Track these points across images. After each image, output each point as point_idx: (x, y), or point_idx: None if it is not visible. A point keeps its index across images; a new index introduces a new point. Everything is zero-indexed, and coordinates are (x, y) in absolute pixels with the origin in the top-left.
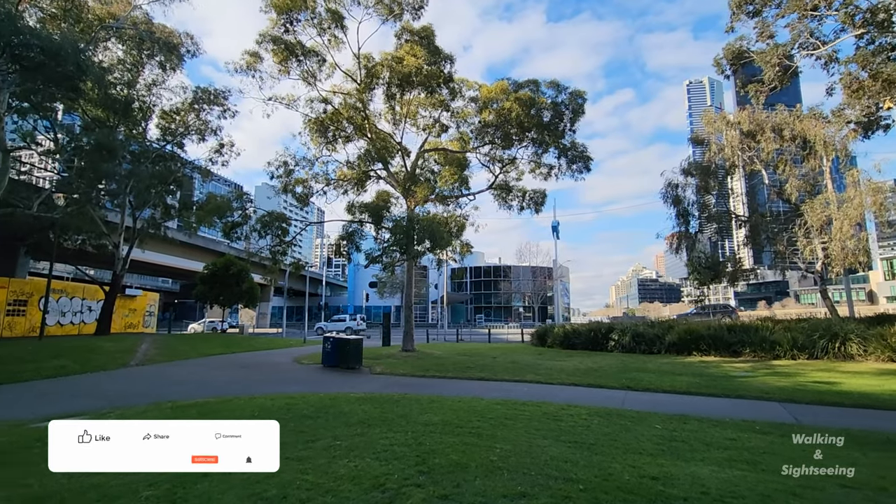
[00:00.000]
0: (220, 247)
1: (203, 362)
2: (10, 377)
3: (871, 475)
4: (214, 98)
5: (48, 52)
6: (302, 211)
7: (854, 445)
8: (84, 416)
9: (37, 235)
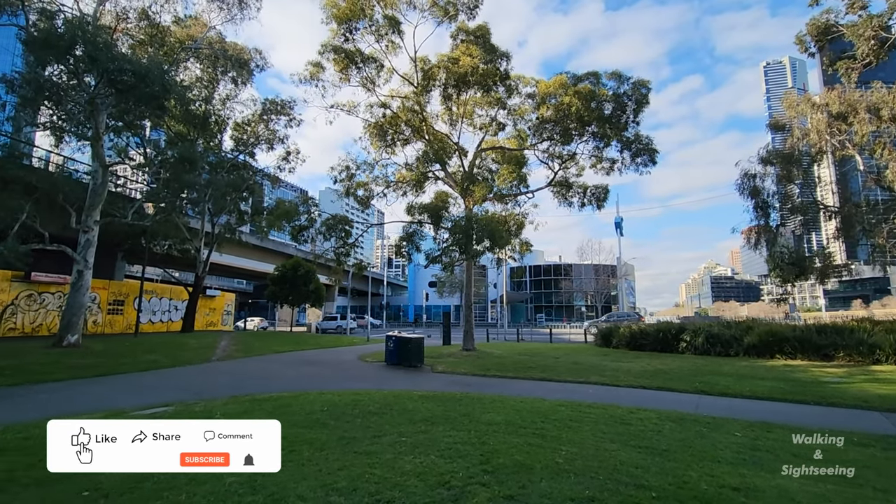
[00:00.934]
0: (289, 249)
1: (275, 358)
2: (112, 370)
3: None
4: (281, 108)
5: (138, 75)
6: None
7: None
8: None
9: (131, 242)
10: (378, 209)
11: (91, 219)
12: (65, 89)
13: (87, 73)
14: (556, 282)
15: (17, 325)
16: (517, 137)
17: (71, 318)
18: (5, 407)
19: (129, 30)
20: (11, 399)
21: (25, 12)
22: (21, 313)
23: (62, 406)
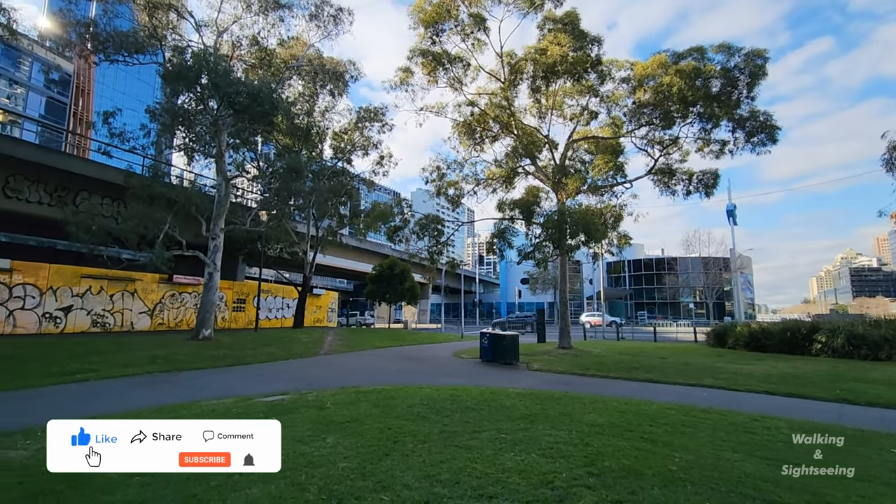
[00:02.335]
0: (385, 249)
1: (376, 353)
2: (239, 360)
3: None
4: (374, 115)
5: (251, 96)
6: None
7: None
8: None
9: (249, 246)
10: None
11: (217, 227)
12: (193, 114)
13: (211, 98)
14: (659, 277)
15: (164, 320)
16: (611, 125)
17: (205, 314)
18: (163, 390)
19: (241, 56)
20: (168, 383)
21: (163, 51)
22: (167, 310)
23: (203, 392)
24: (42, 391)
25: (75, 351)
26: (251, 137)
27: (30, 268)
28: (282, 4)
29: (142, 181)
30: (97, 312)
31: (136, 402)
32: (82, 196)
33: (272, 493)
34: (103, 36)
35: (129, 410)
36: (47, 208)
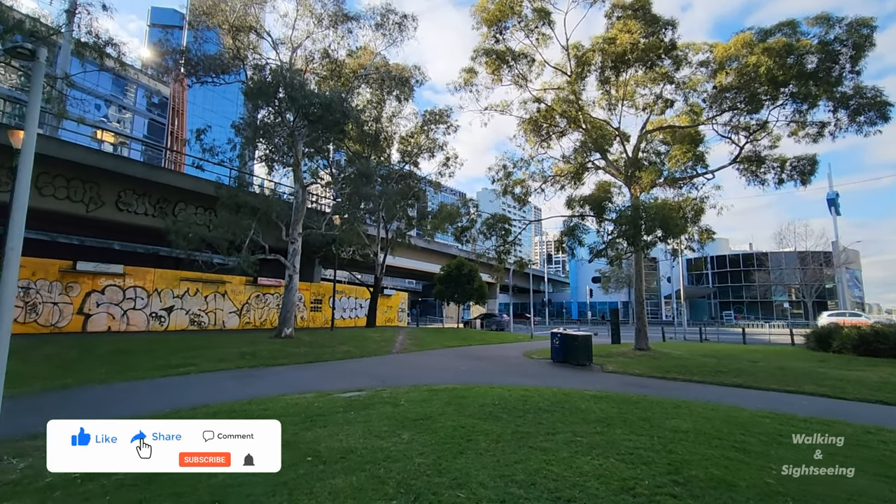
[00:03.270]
0: (452, 250)
1: (445, 353)
2: (318, 358)
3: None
4: (439, 118)
5: (324, 106)
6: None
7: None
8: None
9: (324, 249)
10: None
11: (296, 231)
12: (272, 127)
13: (287, 111)
14: (747, 273)
15: (250, 319)
16: (689, 113)
17: (286, 314)
18: (252, 384)
19: (314, 69)
20: (256, 378)
21: (244, 69)
22: (252, 310)
23: (287, 386)
24: (153, 382)
25: (177, 347)
26: (324, 146)
27: (139, 272)
28: (350, 17)
29: (229, 191)
30: (194, 312)
31: (230, 394)
32: (180, 207)
33: (353, 484)
34: (195, 60)
35: (225, 402)
36: (151, 219)
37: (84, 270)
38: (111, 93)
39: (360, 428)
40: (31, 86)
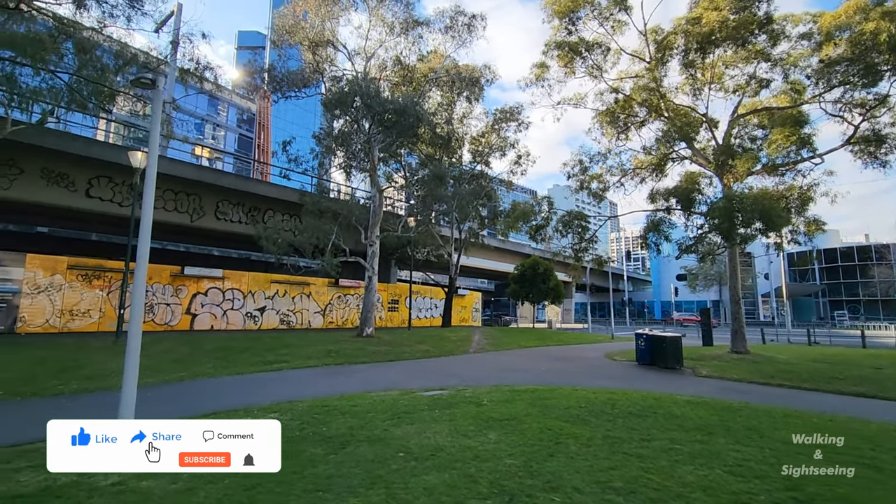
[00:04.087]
0: (525, 249)
1: (522, 353)
2: (398, 356)
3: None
4: (510, 116)
5: (398, 112)
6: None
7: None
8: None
9: (400, 251)
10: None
11: (374, 234)
12: (349, 135)
13: (363, 119)
14: (864, 269)
15: (333, 319)
16: (790, 91)
17: (367, 314)
18: (339, 380)
19: (387, 76)
20: (343, 374)
21: (323, 81)
22: (335, 310)
23: (371, 384)
24: (253, 377)
25: (270, 345)
26: (398, 150)
27: (235, 276)
28: (420, 22)
29: (312, 198)
30: (283, 312)
31: (321, 390)
32: (268, 214)
33: (446, 481)
34: (279, 77)
35: (318, 398)
36: (244, 226)
37: (190, 275)
38: (207, 112)
39: (447, 426)
40: (151, 111)
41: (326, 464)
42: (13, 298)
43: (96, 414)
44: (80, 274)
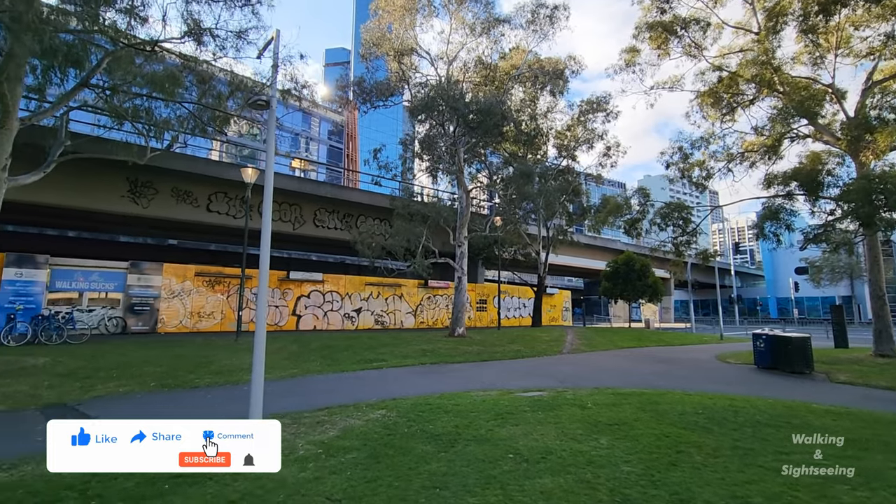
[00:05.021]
0: (617, 245)
1: (619, 354)
2: (491, 356)
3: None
4: (597, 106)
5: (483, 112)
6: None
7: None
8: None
9: (487, 251)
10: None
11: (462, 235)
12: (434, 138)
13: (448, 122)
14: None
15: (424, 319)
16: None
17: (458, 314)
18: (436, 379)
19: (469, 77)
20: (439, 374)
21: (409, 88)
22: (425, 311)
23: (469, 383)
24: (356, 374)
25: (368, 344)
26: (483, 150)
27: (333, 279)
28: (500, 20)
29: (402, 202)
30: (377, 313)
31: (421, 388)
32: (361, 219)
33: (562, 485)
34: (368, 88)
35: (420, 395)
36: (339, 232)
37: (294, 279)
38: (301, 128)
39: (552, 429)
40: (266, 128)
41: (438, 461)
42: (154, 302)
43: (229, 404)
44: (204, 280)
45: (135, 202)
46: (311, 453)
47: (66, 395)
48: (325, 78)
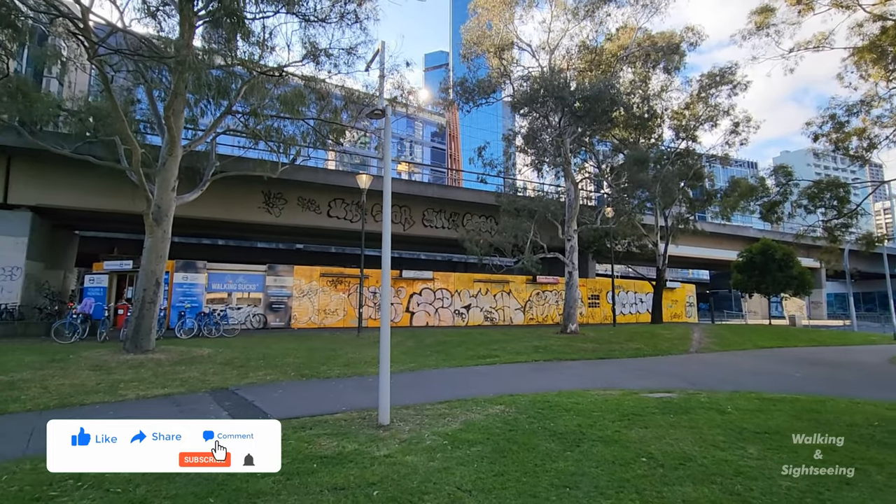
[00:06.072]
0: (749, 231)
1: (760, 354)
2: (608, 354)
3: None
4: (721, 78)
5: (590, 99)
6: (850, 171)
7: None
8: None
9: (597, 244)
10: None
11: (571, 228)
12: (538, 131)
13: (552, 113)
14: None
15: (534, 316)
16: None
17: (570, 310)
18: (552, 376)
19: (573, 65)
20: (554, 371)
21: (511, 83)
22: (534, 307)
23: (586, 381)
24: (471, 369)
25: (480, 340)
26: (590, 139)
27: (442, 276)
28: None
29: (508, 198)
30: (486, 309)
31: (537, 385)
32: (467, 217)
33: (708, 496)
34: (470, 87)
35: (538, 392)
36: (446, 231)
37: (407, 277)
38: (405, 132)
39: (688, 433)
40: (382, 136)
41: (565, 460)
42: (287, 301)
43: (358, 394)
44: (328, 280)
45: (269, 212)
46: (437, 444)
47: (227, 381)
48: (425, 82)
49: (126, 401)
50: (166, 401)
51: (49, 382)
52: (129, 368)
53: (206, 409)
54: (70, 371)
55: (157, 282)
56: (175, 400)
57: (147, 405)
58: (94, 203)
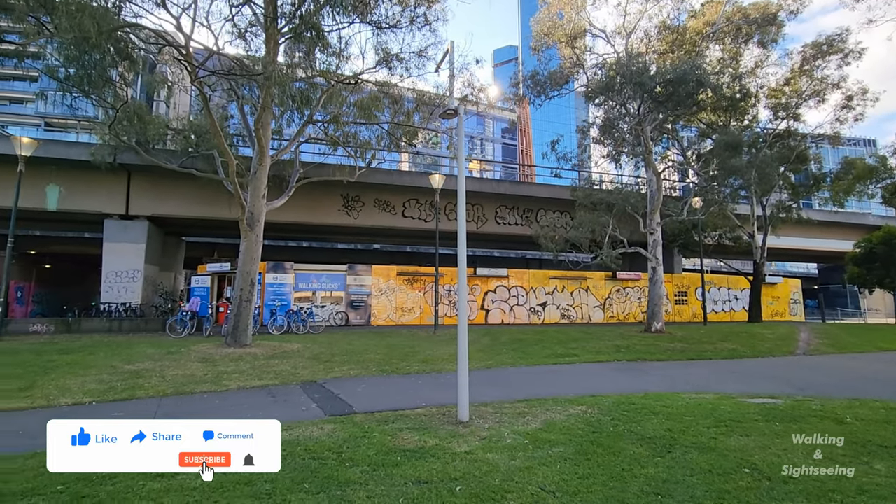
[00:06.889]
0: (868, 219)
1: (884, 358)
2: (698, 355)
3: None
4: (829, 48)
5: (673, 82)
6: None
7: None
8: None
9: (683, 237)
10: None
11: (654, 221)
12: (615, 120)
13: (630, 101)
14: None
15: (614, 313)
16: None
17: (654, 308)
18: (636, 377)
19: (652, 47)
20: (638, 371)
21: (585, 72)
22: (614, 304)
23: (675, 384)
24: (549, 368)
25: (557, 338)
26: (673, 125)
27: (517, 274)
28: None
29: (584, 192)
30: (563, 307)
31: (620, 386)
32: (541, 213)
33: None
34: (541, 80)
35: (623, 394)
36: (519, 227)
37: (481, 275)
38: (476, 130)
39: (799, 444)
40: (456, 135)
41: (655, 466)
42: (367, 299)
43: (436, 391)
44: (404, 279)
45: (347, 214)
46: (518, 443)
47: (315, 374)
48: (494, 78)
49: (229, 391)
50: (263, 391)
51: (166, 373)
52: (230, 361)
53: (298, 401)
54: (182, 363)
55: (252, 282)
56: (270, 391)
57: (247, 395)
58: (197, 211)
